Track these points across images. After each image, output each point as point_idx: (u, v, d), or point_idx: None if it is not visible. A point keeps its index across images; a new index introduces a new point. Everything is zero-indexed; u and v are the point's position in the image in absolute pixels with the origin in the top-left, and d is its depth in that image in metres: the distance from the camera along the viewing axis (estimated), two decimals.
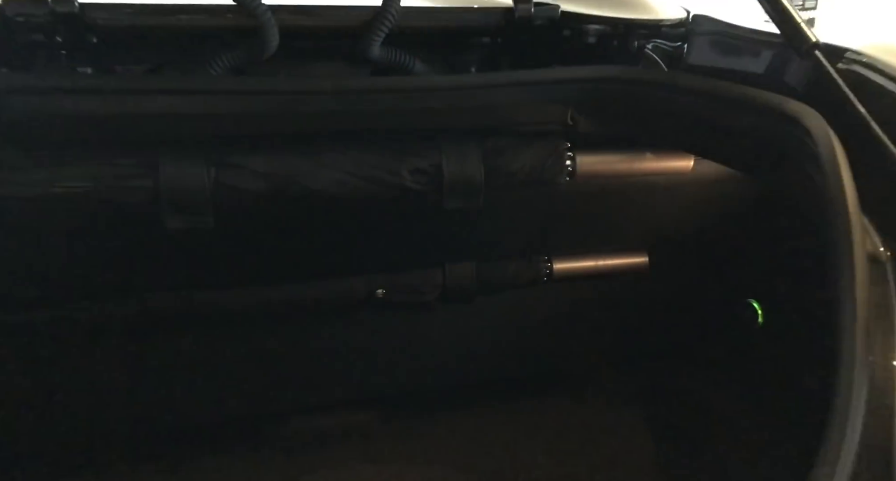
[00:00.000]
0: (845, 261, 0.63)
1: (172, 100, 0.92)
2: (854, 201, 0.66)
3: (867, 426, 0.59)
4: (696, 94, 0.98)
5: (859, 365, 0.60)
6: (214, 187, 0.97)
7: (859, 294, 0.61)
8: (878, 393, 0.62)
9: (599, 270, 1.40)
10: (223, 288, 1.21)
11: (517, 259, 1.35)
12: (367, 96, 0.99)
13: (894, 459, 0.61)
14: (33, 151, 0.91)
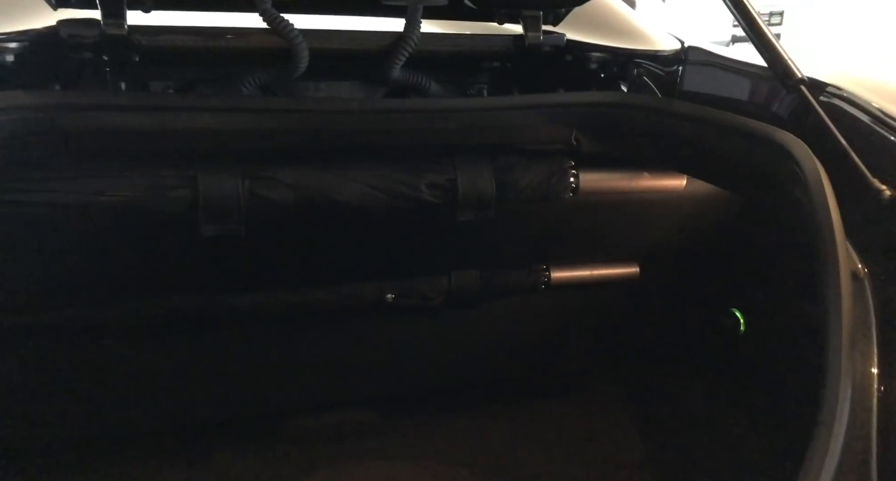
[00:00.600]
0: (832, 278, 0.72)
1: (212, 117, 0.99)
2: (839, 223, 0.76)
3: (850, 426, 0.68)
4: (690, 121, 1.07)
5: (844, 373, 0.69)
6: (248, 198, 1.04)
7: (844, 307, 0.70)
8: (859, 395, 0.71)
9: (594, 279, 1.49)
10: (243, 292, 1.28)
11: (518, 268, 1.43)
12: (390, 116, 1.07)
13: (872, 457, 0.70)
14: (82, 163, 0.98)
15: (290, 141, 1.05)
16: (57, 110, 0.92)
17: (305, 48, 1.09)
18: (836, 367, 0.69)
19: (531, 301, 1.48)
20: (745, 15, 1.04)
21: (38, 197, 0.96)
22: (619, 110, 1.13)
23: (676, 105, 1.12)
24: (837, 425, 0.67)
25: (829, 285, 0.72)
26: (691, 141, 1.08)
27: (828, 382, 0.69)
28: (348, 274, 1.34)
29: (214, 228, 1.05)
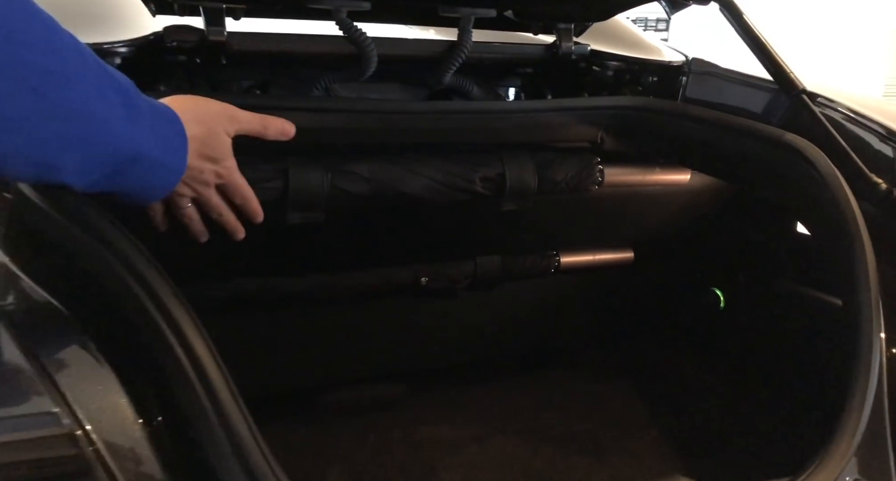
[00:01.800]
0: (857, 253, 0.91)
1: (305, 116, 1.10)
2: (860, 213, 0.95)
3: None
4: (706, 124, 1.26)
5: (875, 348, 0.87)
6: (330, 189, 1.15)
7: (872, 283, 0.89)
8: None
9: (596, 263, 1.67)
10: (297, 275, 1.38)
11: (532, 253, 1.60)
12: (452, 116, 1.21)
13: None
14: None
15: (368, 138, 1.17)
16: None
17: (375, 54, 1.20)
18: (868, 335, 0.87)
19: (542, 284, 1.64)
20: (747, 32, 1.23)
21: None
22: (642, 113, 1.31)
23: (692, 109, 1.30)
24: (872, 379, 0.86)
25: (857, 267, 0.91)
26: (706, 142, 1.27)
27: (861, 346, 0.87)
28: (389, 259, 1.47)
29: (299, 216, 1.16)
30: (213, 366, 0.66)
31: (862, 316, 0.88)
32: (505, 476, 1.32)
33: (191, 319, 0.68)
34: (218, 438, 0.64)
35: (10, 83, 0.53)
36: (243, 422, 0.65)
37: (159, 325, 0.67)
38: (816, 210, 1.07)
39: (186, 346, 0.66)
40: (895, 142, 1.13)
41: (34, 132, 0.57)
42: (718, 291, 1.72)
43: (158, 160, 0.71)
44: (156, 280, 0.68)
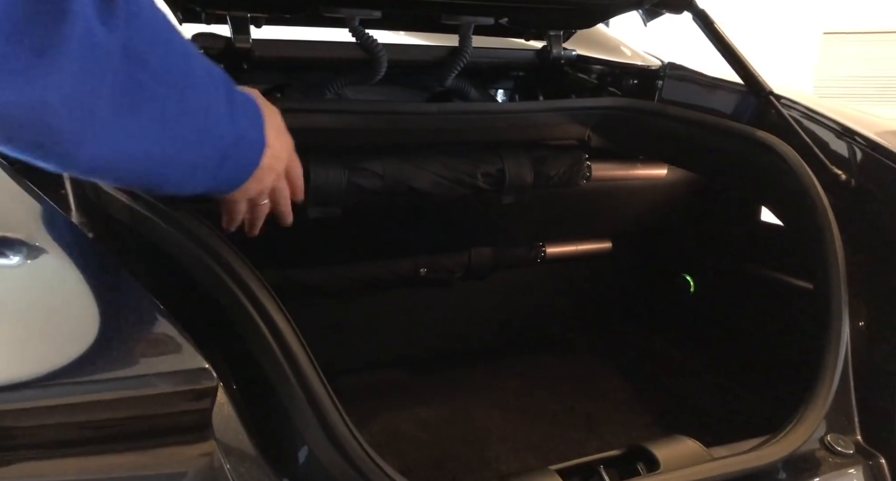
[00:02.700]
0: (827, 238, 1.04)
1: (326, 117, 1.18)
2: (827, 201, 1.08)
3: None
4: (685, 122, 1.39)
5: (844, 324, 1.00)
6: (347, 185, 1.24)
7: (841, 268, 1.02)
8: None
9: (578, 253, 1.80)
10: (307, 267, 1.46)
11: (521, 245, 1.71)
12: (458, 116, 1.31)
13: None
14: None
15: (382, 137, 1.26)
16: None
17: (385, 59, 1.29)
18: (839, 314, 1.00)
19: (530, 273, 1.76)
20: (718, 37, 1.37)
21: None
22: (626, 113, 1.43)
23: (671, 109, 1.43)
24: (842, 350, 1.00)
25: (827, 250, 1.04)
26: (683, 138, 1.40)
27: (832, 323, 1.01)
28: (392, 251, 1.56)
29: (319, 211, 1.24)
30: (293, 338, 0.74)
31: (832, 296, 1.01)
32: (507, 448, 1.42)
33: (273, 299, 0.75)
34: (300, 403, 0.72)
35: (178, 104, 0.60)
36: (323, 389, 0.74)
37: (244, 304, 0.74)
38: (787, 200, 1.21)
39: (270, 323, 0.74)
40: (851, 137, 1.27)
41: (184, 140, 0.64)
42: (689, 277, 1.87)
43: (246, 136, 0.74)
44: (237, 263, 0.76)
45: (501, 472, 1.34)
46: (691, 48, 1.76)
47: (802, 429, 0.94)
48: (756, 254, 1.63)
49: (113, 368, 0.55)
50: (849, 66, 8.13)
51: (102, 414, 0.54)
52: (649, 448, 0.92)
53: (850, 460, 0.97)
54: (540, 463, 0.91)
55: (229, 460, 0.63)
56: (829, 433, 1.00)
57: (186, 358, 0.58)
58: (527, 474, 0.87)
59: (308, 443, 0.72)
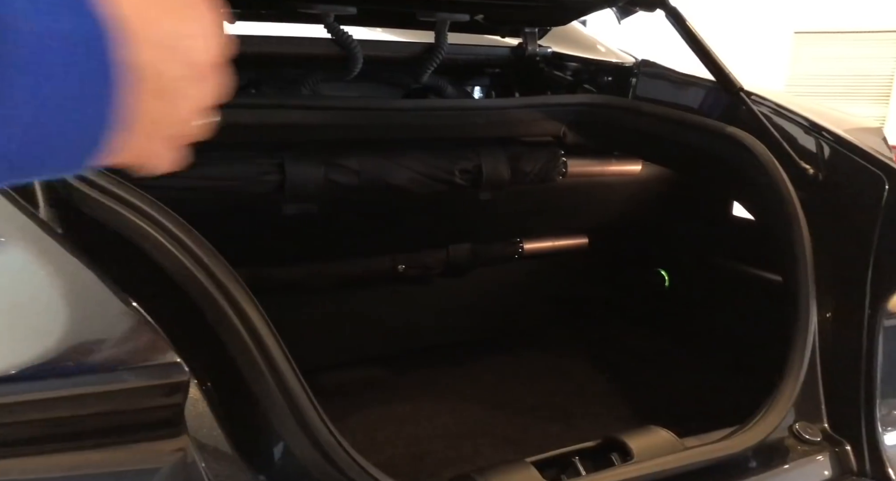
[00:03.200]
0: (796, 232, 1.06)
1: (300, 113, 1.18)
2: (795, 195, 1.11)
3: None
4: (658, 119, 1.41)
5: (811, 316, 1.03)
6: (324, 181, 1.24)
7: (809, 261, 1.04)
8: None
9: (556, 249, 1.82)
10: (281, 265, 1.46)
11: (499, 241, 1.72)
12: (435, 113, 1.31)
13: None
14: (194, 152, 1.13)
15: (358, 133, 1.26)
16: None
17: (361, 55, 1.29)
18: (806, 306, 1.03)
19: (508, 269, 1.77)
20: (690, 36, 1.39)
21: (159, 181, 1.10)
22: (601, 109, 1.45)
23: (645, 106, 1.45)
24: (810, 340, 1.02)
25: (796, 243, 1.06)
26: (656, 134, 1.42)
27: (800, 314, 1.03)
28: (370, 249, 1.56)
29: (295, 207, 1.24)
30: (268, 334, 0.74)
31: (800, 289, 1.04)
32: (485, 442, 1.43)
33: (247, 294, 0.75)
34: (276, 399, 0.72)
35: None
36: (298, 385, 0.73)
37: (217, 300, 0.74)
38: (757, 195, 1.23)
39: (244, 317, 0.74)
40: (818, 133, 1.30)
41: None
42: (664, 272, 1.89)
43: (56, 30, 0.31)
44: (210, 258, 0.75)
45: (479, 466, 1.35)
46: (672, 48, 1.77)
47: (771, 418, 0.96)
48: (729, 248, 1.66)
49: (81, 364, 0.55)
50: (820, 64, 8.27)
51: (71, 410, 0.54)
52: (623, 439, 0.94)
53: (817, 447, 1.00)
54: (518, 456, 0.92)
55: (204, 456, 0.63)
56: (798, 421, 1.03)
57: (157, 352, 0.57)
58: (503, 467, 0.88)
59: (284, 440, 0.72)
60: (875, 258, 1.09)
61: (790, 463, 0.97)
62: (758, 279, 1.53)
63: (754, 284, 1.54)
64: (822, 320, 1.11)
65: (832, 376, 1.07)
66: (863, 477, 0.98)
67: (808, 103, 1.47)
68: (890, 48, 8.02)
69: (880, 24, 7.90)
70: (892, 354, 1.06)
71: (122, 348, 0.57)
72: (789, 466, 0.97)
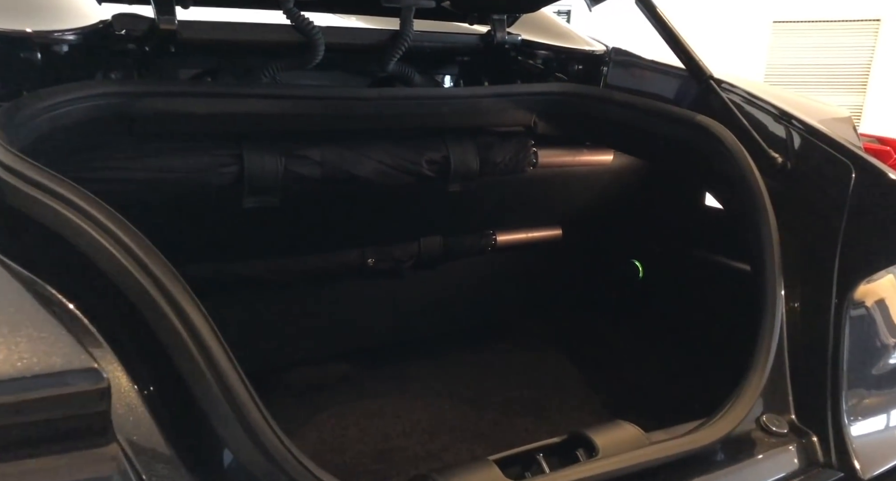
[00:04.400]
0: (763, 221, 1.05)
1: (258, 102, 1.14)
2: (763, 185, 1.09)
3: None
4: (628, 107, 1.38)
5: (778, 305, 1.01)
6: (284, 173, 1.20)
7: (775, 246, 1.03)
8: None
9: (529, 241, 1.79)
10: (245, 260, 1.42)
11: (471, 233, 1.70)
12: (400, 101, 1.28)
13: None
14: (144, 144, 1.09)
15: (321, 123, 1.22)
16: (125, 97, 1.03)
17: (322, 42, 1.26)
18: (773, 295, 1.01)
19: (481, 262, 1.75)
20: (661, 23, 1.36)
21: (108, 173, 1.06)
22: (571, 98, 1.42)
23: (616, 95, 1.43)
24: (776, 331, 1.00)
25: (763, 233, 1.05)
26: (627, 124, 1.40)
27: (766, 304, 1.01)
28: (338, 242, 1.53)
29: (255, 200, 1.20)
30: (208, 332, 0.70)
31: (767, 278, 1.02)
32: (455, 438, 1.41)
33: (183, 288, 0.71)
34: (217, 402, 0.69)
35: None
36: (242, 386, 0.70)
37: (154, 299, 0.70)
38: (726, 184, 1.21)
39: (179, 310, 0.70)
40: (788, 121, 1.28)
41: None
42: (638, 263, 1.88)
43: None
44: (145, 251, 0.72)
45: (441, 465, 1.33)
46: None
47: (737, 411, 0.95)
48: (701, 238, 1.65)
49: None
50: (798, 54, 8.31)
51: None
52: (588, 434, 0.92)
53: (784, 439, 0.99)
54: (488, 451, 0.90)
55: (140, 464, 0.60)
56: (765, 413, 1.01)
57: (72, 357, 0.54)
58: (465, 466, 0.86)
59: (228, 445, 0.68)
60: (842, 247, 1.08)
61: (757, 456, 0.96)
62: (729, 269, 1.52)
63: (726, 274, 1.53)
64: (790, 310, 1.10)
65: (799, 366, 1.05)
66: (828, 468, 0.97)
67: (780, 92, 1.45)
68: (867, 37, 8.09)
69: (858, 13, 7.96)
70: (858, 343, 1.05)
71: (32, 353, 0.53)
72: (756, 459, 0.96)
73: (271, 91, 1.18)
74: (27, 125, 0.93)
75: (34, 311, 0.60)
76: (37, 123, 0.95)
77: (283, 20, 1.23)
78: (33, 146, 0.93)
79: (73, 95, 0.99)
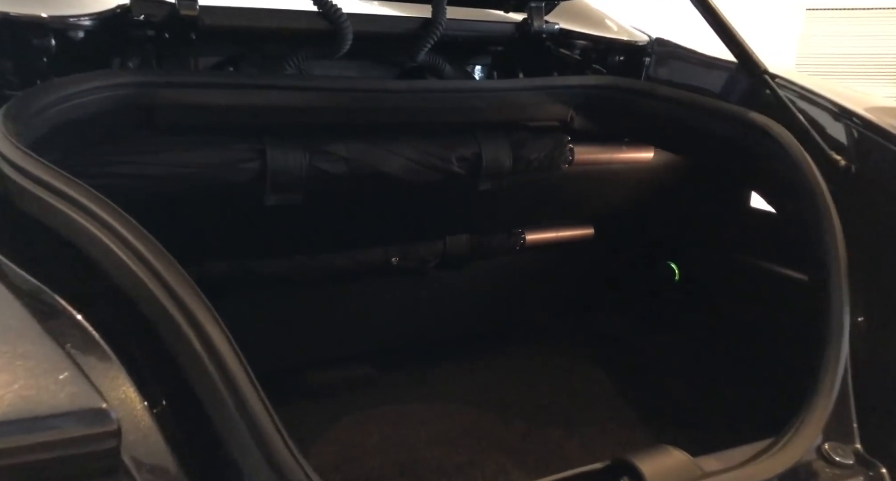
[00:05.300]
0: (826, 229, 0.96)
1: (282, 94, 1.07)
2: (826, 189, 1.00)
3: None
4: (672, 102, 1.29)
5: (845, 321, 0.92)
6: (308, 170, 1.13)
7: (842, 261, 0.94)
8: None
9: (559, 240, 1.71)
10: (267, 257, 1.36)
11: (499, 232, 1.62)
12: (431, 94, 1.20)
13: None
14: (161, 137, 1.02)
15: (347, 117, 1.15)
16: (143, 87, 0.97)
17: (350, 30, 1.18)
18: (839, 310, 0.92)
19: (508, 261, 1.67)
20: (712, 14, 1.27)
21: (123, 169, 1.00)
22: (612, 92, 1.33)
23: (659, 88, 1.34)
24: (843, 350, 0.91)
25: (826, 242, 0.96)
26: (672, 120, 1.31)
27: (832, 320, 0.92)
28: (360, 240, 1.46)
29: (277, 198, 1.13)
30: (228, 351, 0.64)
31: (832, 291, 0.93)
32: (482, 450, 1.34)
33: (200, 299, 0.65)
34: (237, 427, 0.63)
35: None
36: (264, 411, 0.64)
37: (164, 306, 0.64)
38: (781, 186, 1.12)
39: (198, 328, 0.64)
40: (849, 119, 1.19)
41: None
42: (674, 265, 1.79)
43: None
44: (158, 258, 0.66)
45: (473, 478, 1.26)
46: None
47: (801, 440, 0.86)
48: (746, 242, 1.56)
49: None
50: (831, 42, 8.07)
51: None
52: (633, 461, 0.84)
53: (849, 471, 0.90)
54: (516, 465, 0.83)
55: None
56: (827, 441, 0.93)
57: (79, 395, 0.47)
58: None
59: (248, 476, 0.62)
60: None
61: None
62: (777, 276, 1.43)
63: (775, 282, 1.43)
64: (854, 326, 1.01)
65: (865, 390, 0.96)
66: None
67: (836, 86, 1.36)
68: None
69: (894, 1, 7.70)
70: None
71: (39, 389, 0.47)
72: None
73: (296, 82, 1.10)
74: (39, 117, 0.87)
75: (38, 335, 0.54)
76: (49, 115, 0.89)
77: (309, 7, 1.16)
78: (44, 140, 0.87)
79: (88, 85, 0.92)
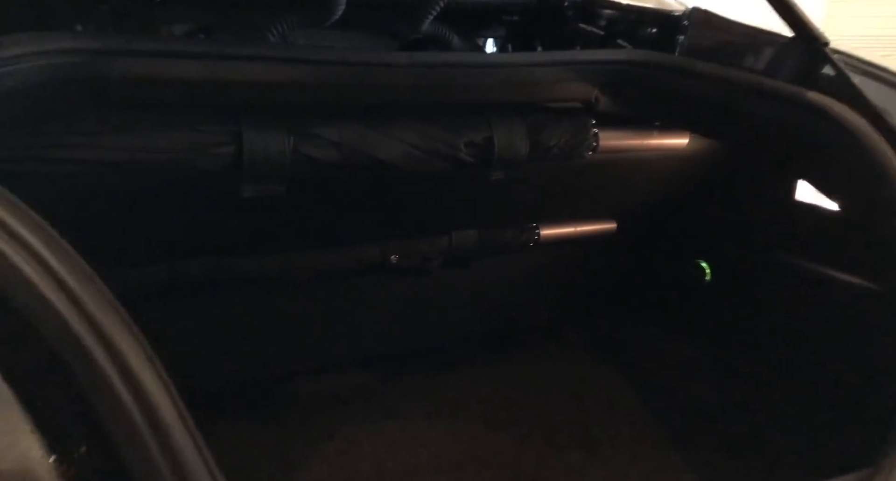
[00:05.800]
0: None
1: (264, 67, 0.90)
2: None
3: None
4: (716, 81, 1.12)
5: None
6: (293, 156, 0.97)
7: None
8: None
9: (578, 235, 1.54)
10: (250, 254, 1.20)
11: (511, 226, 1.45)
12: (435, 70, 1.03)
13: None
14: (117, 115, 0.86)
15: (337, 94, 0.98)
16: (96, 55, 0.80)
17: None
18: None
19: (521, 258, 1.50)
20: None
21: (72, 153, 0.84)
22: (642, 69, 1.16)
23: (698, 64, 1.16)
24: None
25: None
26: (713, 101, 1.13)
27: None
28: (355, 235, 1.30)
29: (256, 189, 0.97)
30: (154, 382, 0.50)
31: None
32: (491, 477, 1.19)
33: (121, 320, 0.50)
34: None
35: None
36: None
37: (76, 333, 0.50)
38: (844, 177, 0.96)
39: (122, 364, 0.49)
40: None
41: None
42: (705, 264, 1.62)
43: None
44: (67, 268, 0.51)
45: None
46: None
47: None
48: (789, 239, 1.39)
49: None
50: (856, 23, 7.81)
51: None
52: None
53: None
54: None
55: None
56: None
57: None
58: None
59: None
60: None
61: None
62: (829, 280, 1.26)
63: (826, 287, 1.27)
64: None
65: None
66: None
67: None
68: None
69: None
70: None
71: None
72: None
73: (279, 53, 0.93)
74: None
75: None
76: None
77: None
78: None
79: (23, 49, 0.76)
